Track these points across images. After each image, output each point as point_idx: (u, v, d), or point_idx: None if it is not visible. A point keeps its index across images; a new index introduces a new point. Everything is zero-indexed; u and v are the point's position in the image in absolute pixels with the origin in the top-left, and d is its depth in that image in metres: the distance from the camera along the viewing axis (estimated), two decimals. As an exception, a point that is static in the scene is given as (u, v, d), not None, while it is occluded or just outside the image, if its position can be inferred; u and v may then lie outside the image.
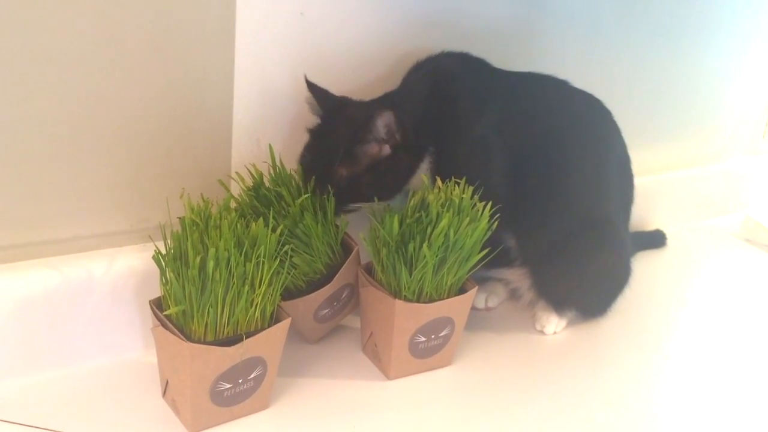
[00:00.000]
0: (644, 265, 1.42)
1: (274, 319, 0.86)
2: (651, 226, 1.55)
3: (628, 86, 1.45)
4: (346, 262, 0.97)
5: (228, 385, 0.84)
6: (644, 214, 1.55)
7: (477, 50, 1.08)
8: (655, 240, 1.53)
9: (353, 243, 1.00)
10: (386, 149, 0.97)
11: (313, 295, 0.95)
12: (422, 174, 1.01)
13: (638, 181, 1.53)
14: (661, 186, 1.58)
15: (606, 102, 1.42)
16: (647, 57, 1.43)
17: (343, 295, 1.01)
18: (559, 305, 1.15)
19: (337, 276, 0.97)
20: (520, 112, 1.07)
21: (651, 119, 1.53)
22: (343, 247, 1.00)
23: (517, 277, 1.17)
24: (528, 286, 1.15)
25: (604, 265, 1.14)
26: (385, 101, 1.01)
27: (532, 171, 1.05)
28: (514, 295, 1.20)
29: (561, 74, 1.32)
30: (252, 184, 0.96)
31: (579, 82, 1.35)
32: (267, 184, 0.96)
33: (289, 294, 0.94)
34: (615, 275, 1.17)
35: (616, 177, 1.16)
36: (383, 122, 0.94)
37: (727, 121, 1.69)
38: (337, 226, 0.98)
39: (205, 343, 0.80)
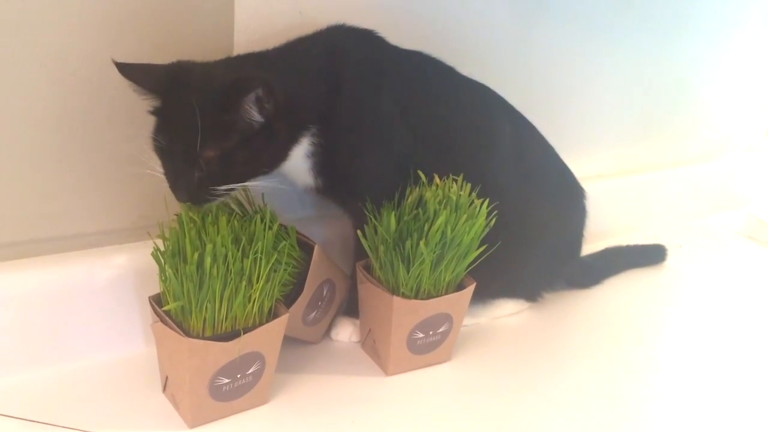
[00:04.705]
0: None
1: (273, 314, 0.87)
2: (652, 223, 1.54)
3: (628, 83, 1.45)
4: (311, 265, 0.93)
5: (227, 380, 0.84)
6: (646, 211, 1.56)
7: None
8: (653, 256, 1.43)
9: (310, 241, 0.97)
10: (260, 117, 0.83)
11: (292, 308, 0.91)
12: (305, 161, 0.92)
13: (641, 179, 1.54)
14: (663, 183, 1.58)
15: (608, 98, 1.43)
16: (647, 52, 1.43)
17: (325, 293, 0.99)
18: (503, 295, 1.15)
19: (307, 282, 0.93)
20: (418, 93, 0.98)
21: (652, 115, 1.53)
22: (304, 248, 0.95)
23: None
24: None
25: (524, 247, 1.08)
26: (252, 64, 0.89)
27: (426, 160, 0.98)
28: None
29: (555, 70, 1.32)
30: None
31: (577, 78, 1.36)
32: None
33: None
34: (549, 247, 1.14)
35: (511, 160, 1.07)
36: (255, 88, 0.80)
37: (729, 118, 1.69)
38: (287, 233, 0.93)
39: (203, 338, 0.81)
